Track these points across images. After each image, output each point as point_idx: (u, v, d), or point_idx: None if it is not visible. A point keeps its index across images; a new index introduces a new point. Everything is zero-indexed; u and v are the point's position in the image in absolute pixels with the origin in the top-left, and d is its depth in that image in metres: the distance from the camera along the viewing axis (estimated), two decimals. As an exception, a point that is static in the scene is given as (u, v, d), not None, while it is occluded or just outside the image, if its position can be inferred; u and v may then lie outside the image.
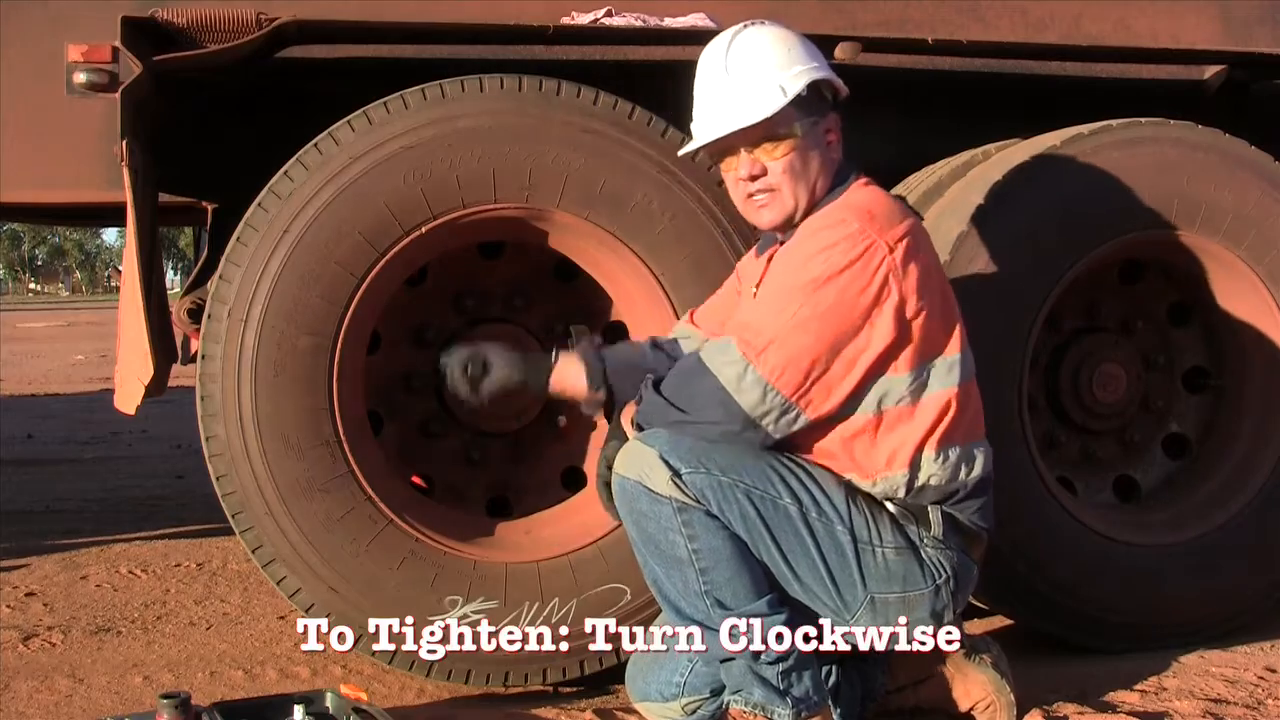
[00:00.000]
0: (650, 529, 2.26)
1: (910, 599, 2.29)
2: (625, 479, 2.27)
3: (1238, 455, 3.17)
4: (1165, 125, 3.03)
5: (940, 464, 2.27)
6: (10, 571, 3.99)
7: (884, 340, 2.19)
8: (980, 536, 2.37)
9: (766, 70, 2.29)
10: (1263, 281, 3.07)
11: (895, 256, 2.18)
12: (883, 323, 2.19)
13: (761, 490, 2.23)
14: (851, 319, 2.17)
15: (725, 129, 2.29)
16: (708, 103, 2.35)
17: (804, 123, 2.30)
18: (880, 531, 2.27)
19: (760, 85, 2.27)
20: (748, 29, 2.35)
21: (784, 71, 2.28)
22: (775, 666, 2.24)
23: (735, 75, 2.30)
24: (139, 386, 2.71)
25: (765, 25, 2.37)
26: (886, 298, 2.18)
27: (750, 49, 2.32)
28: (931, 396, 2.25)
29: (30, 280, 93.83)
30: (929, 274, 2.24)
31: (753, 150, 2.31)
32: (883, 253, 2.17)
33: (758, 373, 2.16)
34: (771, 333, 2.17)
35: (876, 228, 2.20)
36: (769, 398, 2.17)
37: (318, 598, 2.63)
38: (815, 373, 2.18)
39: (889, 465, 2.27)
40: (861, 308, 2.17)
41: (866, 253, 2.17)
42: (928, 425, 2.25)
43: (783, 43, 2.33)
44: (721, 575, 2.23)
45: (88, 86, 2.74)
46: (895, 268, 2.18)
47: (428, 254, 2.76)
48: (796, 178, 2.31)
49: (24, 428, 7.78)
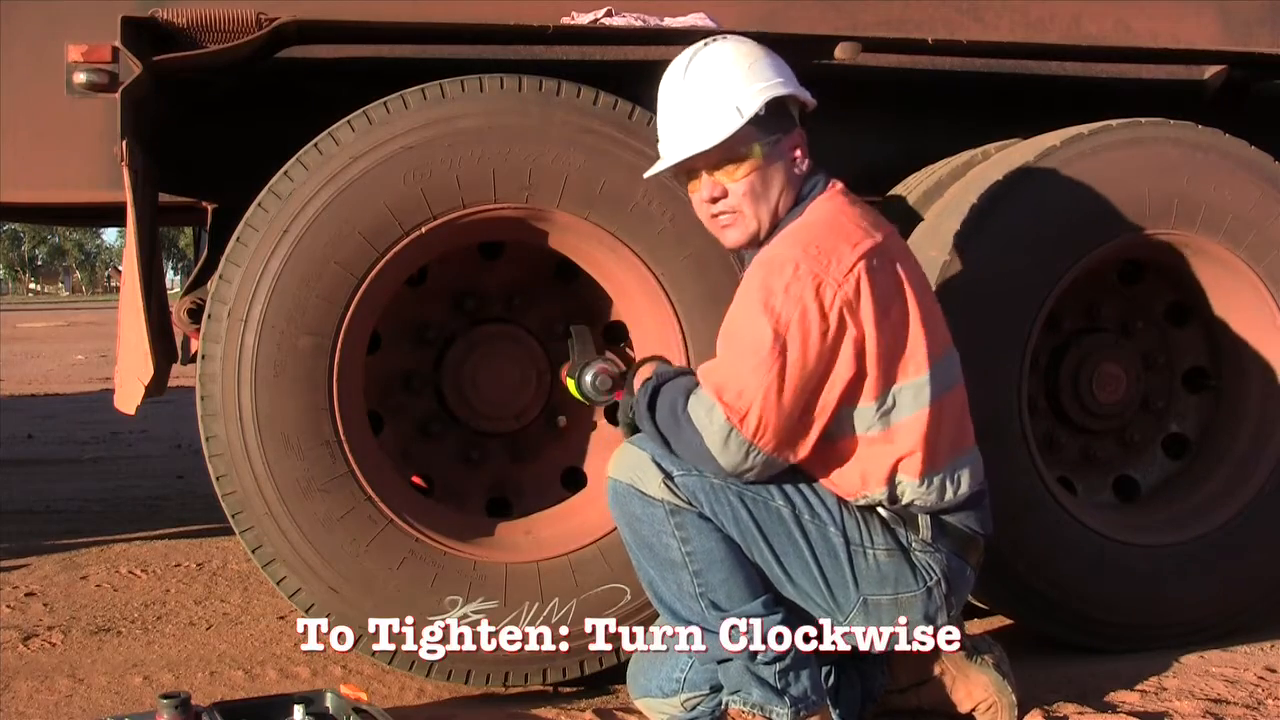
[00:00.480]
0: (644, 532, 2.27)
1: (903, 600, 2.29)
2: (618, 482, 2.28)
3: (1238, 455, 3.17)
4: (1165, 125, 3.03)
5: (924, 489, 2.27)
6: (10, 571, 3.99)
7: (847, 374, 2.19)
8: (975, 541, 2.37)
9: (724, 90, 2.25)
10: (1262, 281, 3.08)
11: (846, 290, 2.16)
12: (843, 359, 2.18)
13: (754, 492, 2.24)
14: (819, 366, 2.17)
15: (683, 153, 2.27)
16: (668, 124, 2.33)
17: (764, 142, 2.26)
18: (871, 534, 2.27)
19: (717, 106, 2.24)
20: (709, 46, 2.31)
21: (742, 90, 2.25)
22: (772, 666, 2.25)
23: (692, 95, 2.28)
24: (139, 386, 2.71)
25: (727, 41, 2.33)
26: (844, 334, 2.17)
27: (709, 67, 2.28)
28: (902, 422, 2.24)
29: (30, 280, 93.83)
30: (887, 298, 2.20)
31: (713, 172, 2.29)
32: (832, 290, 2.15)
33: (741, 436, 2.17)
34: (751, 394, 2.16)
35: (824, 264, 2.16)
36: (752, 456, 2.19)
37: (318, 598, 2.63)
38: (793, 425, 2.19)
39: (864, 485, 2.27)
40: (825, 352, 2.17)
41: (819, 294, 2.15)
42: (901, 452, 2.24)
43: (744, 59, 2.29)
44: (715, 577, 2.23)
45: (88, 86, 2.74)
46: (848, 301, 2.16)
47: (428, 254, 2.76)
48: (757, 199, 2.28)
49: (24, 428, 7.78)
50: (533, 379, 2.96)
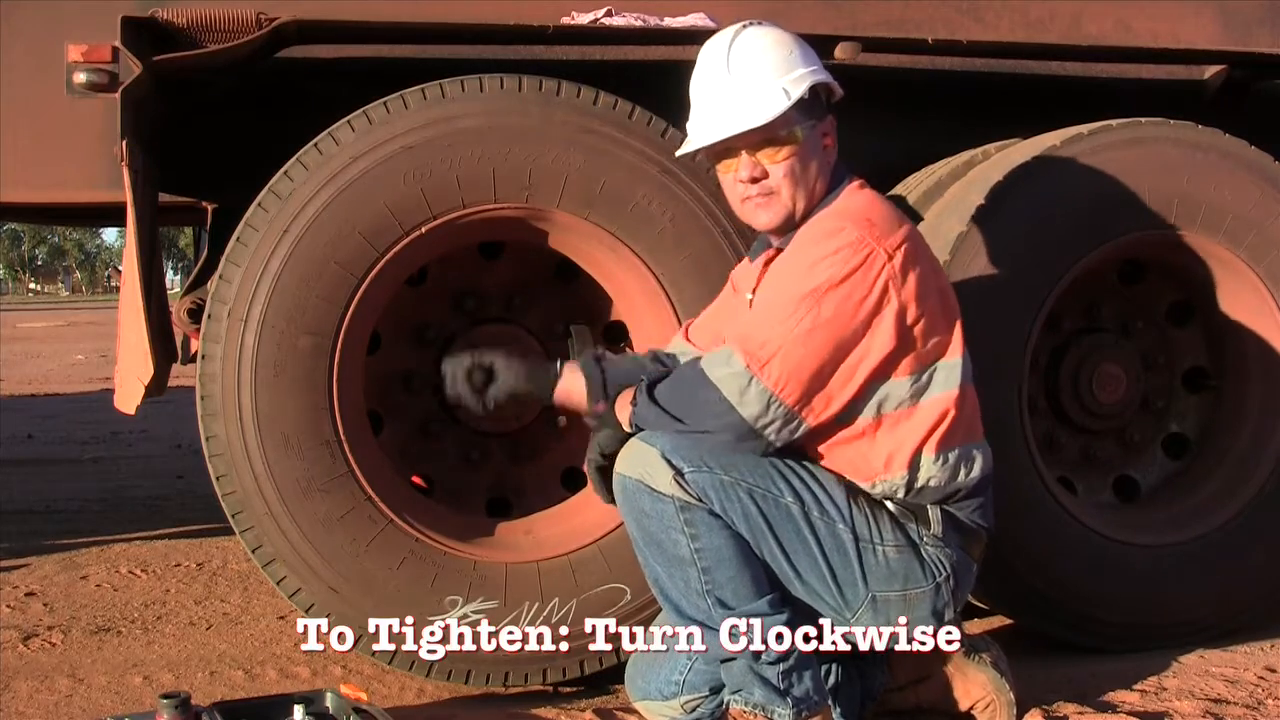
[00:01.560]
0: (652, 528, 2.26)
1: (911, 597, 2.29)
2: (627, 478, 2.27)
3: (1237, 455, 3.17)
4: (1165, 125, 3.03)
5: (940, 466, 2.28)
6: (10, 571, 3.99)
7: (885, 348, 2.20)
8: (980, 535, 2.37)
9: (769, 73, 2.28)
10: (1263, 281, 3.08)
11: (894, 264, 2.18)
12: (883, 330, 2.19)
13: (763, 489, 2.23)
14: (853, 328, 2.18)
15: (728, 131, 2.28)
16: (708, 103, 2.34)
17: (804, 126, 2.29)
18: (881, 530, 2.27)
19: (763, 88, 2.27)
20: (748, 29, 2.34)
21: (787, 74, 2.28)
22: (776, 666, 2.24)
23: (737, 76, 2.30)
24: (139, 386, 2.71)
25: (764, 26, 2.36)
26: (886, 305, 2.18)
27: (752, 50, 2.31)
28: (931, 399, 2.26)
29: (30, 280, 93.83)
30: (927, 279, 2.24)
31: (754, 153, 2.30)
32: (882, 260, 2.18)
33: (762, 384, 2.16)
34: (776, 344, 2.17)
35: (875, 235, 2.19)
36: (773, 408, 2.18)
37: (318, 598, 2.63)
38: (818, 382, 2.19)
39: (887, 468, 2.27)
40: (862, 316, 2.17)
41: (866, 261, 2.17)
42: (927, 427, 2.26)
43: (784, 45, 2.32)
44: (723, 574, 2.23)
45: (88, 86, 2.74)
46: (895, 275, 2.18)
47: (428, 254, 2.76)
48: (796, 181, 2.30)
49: (24, 428, 7.78)
50: (533, 379, 2.96)
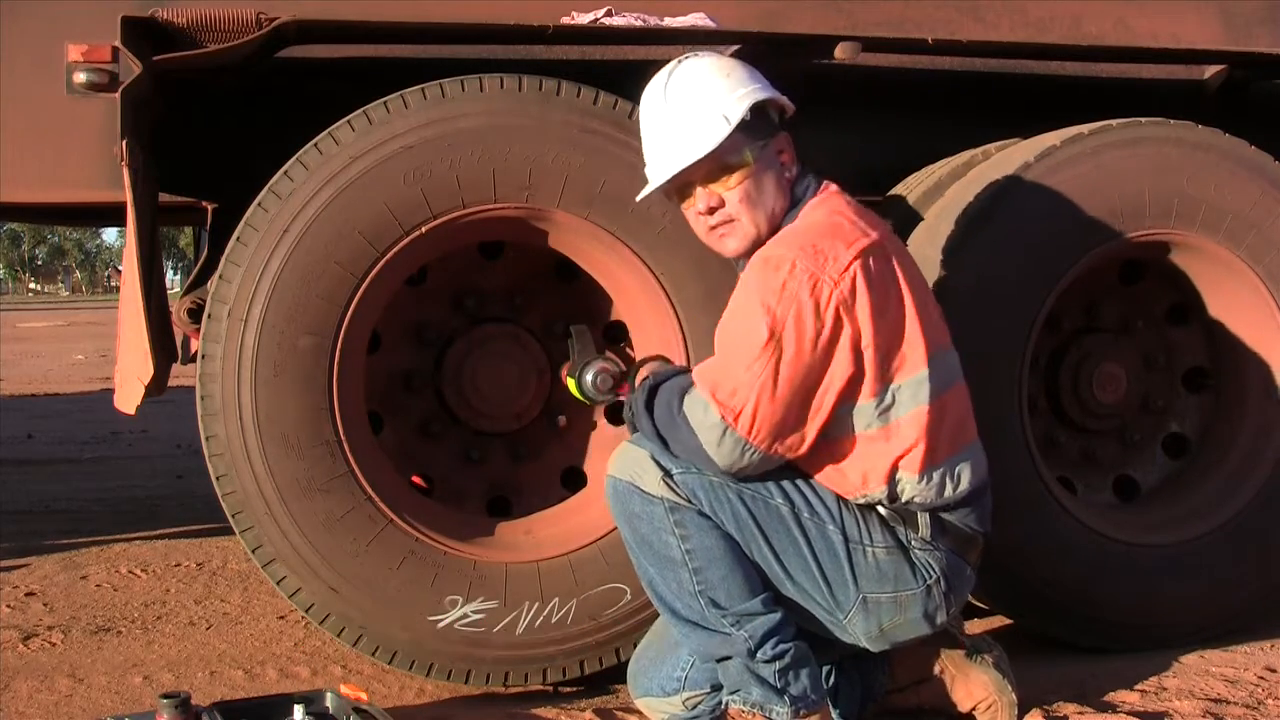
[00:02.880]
0: (643, 530, 2.27)
1: (902, 599, 2.29)
2: (618, 480, 2.29)
3: (1237, 455, 3.17)
4: (1165, 125, 3.03)
5: (923, 485, 2.27)
6: (10, 571, 3.99)
7: (845, 374, 2.20)
8: (975, 539, 2.37)
9: (706, 101, 2.27)
10: (1262, 281, 3.08)
11: (842, 289, 2.17)
12: (840, 357, 2.19)
13: (753, 490, 2.24)
14: (814, 363, 2.18)
15: (675, 167, 2.28)
16: (654, 142, 2.35)
17: (753, 148, 2.28)
18: (870, 531, 2.27)
19: (703, 116, 2.26)
20: (683, 62, 2.34)
21: (725, 98, 2.27)
22: (772, 665, 2.25)
23: (675, 109, 2.29)
24: (139, 386, 2.71)
25: (700, 56, 2.35)
26: (841, 332, 2.17)
27: (688, 81, 2.30)
28: (902, 419, 2.24)
29: (30, 280, 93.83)
30: (884, 297, 2.21)
31: (707, 184, 2.30)
32: (828, 288, 2.16)
33: (735, 434, 2.18)
34: (744, 394, 2.17)
35: (820, 264, 2.17)
36: (747, 455, 2.20)
37: (318, 598, 2.64)
38: (788, 423, 2.20)
39: (865, 485, 2.27)
40: (820, 350, 2.17)
41: (814, 292, 2.16)
42: (901, 448, 2.25)
43: (719, 70, 2.31)
44: (715, 575, 2.24)
45: (88, 86, 2.74)
46: (844, 300, 2.17)
47: (428, 254, 2.76)
48: (754, 205, 2.30)
49: (24, 428, 7.78)
50: (533, 379, 2.96)
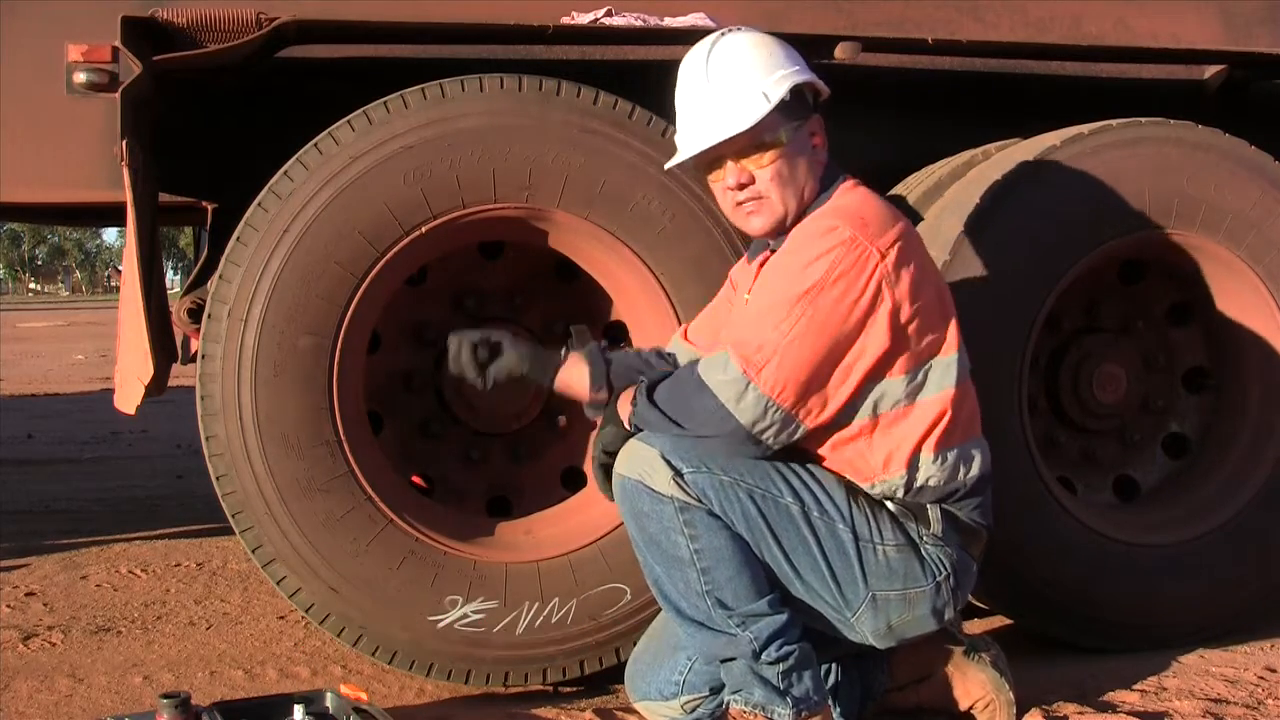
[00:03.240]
0: (652, 529, 2.26)
1: (911, 596, 2.29)
2: (626, 479, 2.27)
3: (1237, 455, 3.17)
4: (1165, 125, 3.03)
5: (939, 466, 2.27)
6: (10, 571, 3.99)
7: (879, 347, 2.19)
8: (980, 534, 2.37)
9: (748, 77, 2.27)
10: (1263, 281, 3.07)
11: (888, 263, 2.17)
12: (877, 330, 2.18)
13: (763, 489, 2.23)
14: (847, 328, 2.17)
15: (710, 140, 2.27)
16: (691, 114, 2.33)
17: (788, 128, 2.28)
18: (881, 529, 2.27)
19: (743, 93, 2.25)
20: (726, 36, 2.33)
21: (766, 77, 2.26)
22: (776, 667, 2.24)
23: (716, 84, 2.28)
24: (139, 386, 2.71)
25: (743, 31, 2.34)
26: (880, 305, 2.17)
27: (730, 56, 2.30)
28: (928, 399, 2.25)
29: (30, 280, 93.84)
30: (922, 277, 2.23)
31: (739, 160, 2.29)
32: (875, 260, 2.17)
33: (759, 389, 2.16)
34: (771, 348, 2.16)
35: (868, 234, 2.18)
36: (770, 413, 2.17)
37: (318, 598, 2.64)
38: (814, 384, 2.18)
39: (886, 468, 2.27)
40: (856, 317, 2.17)
41: (859, 261, 2.16)
42: (925, 427, 2.25)
43: (763, 48, 2.31)
44: (723, 575, 2.23)
45: (88, 86, 2.74)
46: (888, 274, 2.17)
47: (428, 254, 2.76)
48: (785, 184, 2.29)
49: (24, 428, 7.78)
50: (533, 379, 2.96)
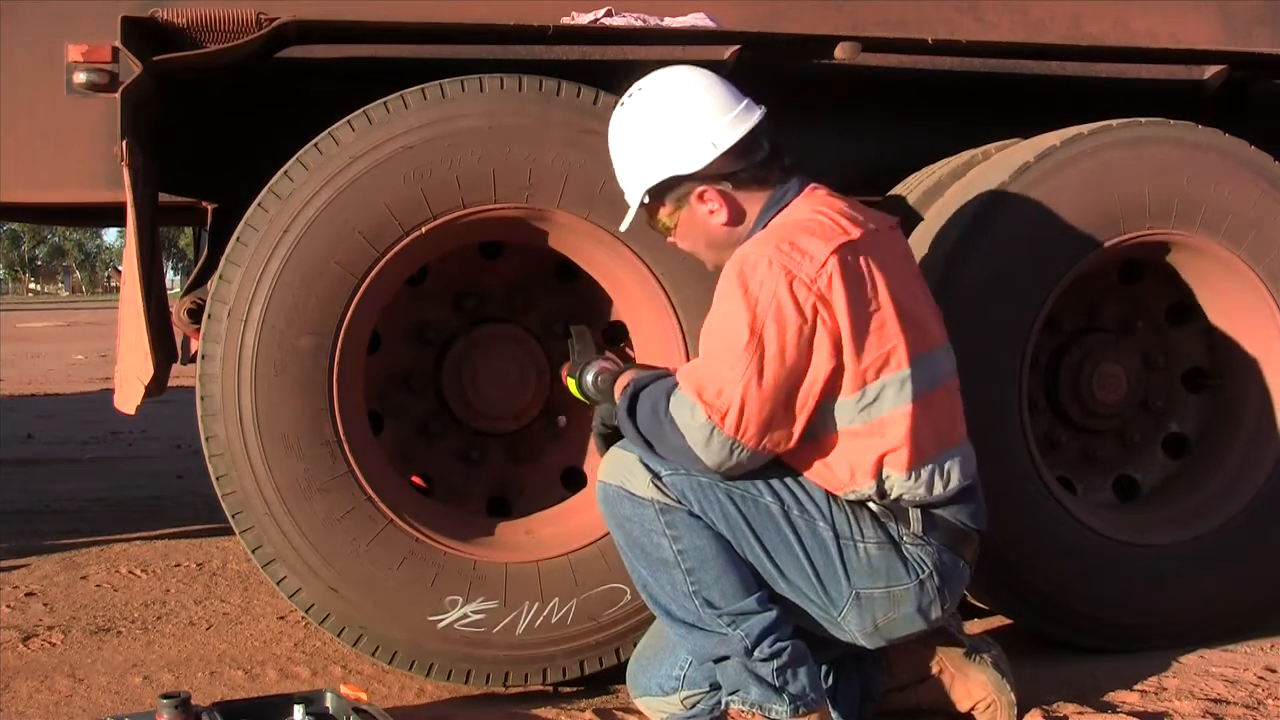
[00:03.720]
0: (635, 533, 2.27)
1: (895, 594, 2.29)
2: (608, 485, 2.29)
3: (1237, 455, 3.17)
4: (1165, 125, 3.03)
5: (912, 482, 2.26)
6: (10, 571, 3.99)
7: (825, 369, 2.19)
8: (969, 535, 2.37)
9: (625, 171, 2.41)
10: (1263, 281, 3.07)
11: (819, 285, 2.16)
12: (820, 352, 2.19)
13: (742, 489, 2.24)
14: (796, 359, 2.18)
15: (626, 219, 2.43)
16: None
17: (669, 213, 2.38)
18: (861, 527, 2.27)
19: (625, 183, 2.41)
20: (618, 109, 2.40)
21: (633, 177, 2.38)
22: (770, 664, 2.25)
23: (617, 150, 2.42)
24: (139, 386, 2.71)
25: (630, 107, 2.37)
26: (819, 328, 2.17)
27: (614, 140, 2.41)
28: (886, 416, 2.23)
29: (30, 280, 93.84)
30: (861, 294, 2.20)
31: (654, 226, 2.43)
32: (805, 285, 2.16)
33: (723, 434, 2.18)
34: (730, 392, 2.16)
35: (795, 261, 2.17)
36: (735, 453, 2.20)
37: (318, 598, 2.64)
38: (775, 419, 2.20)
39: (853, 479, 2.27)
40: (801, 346, 2.17)
41: (792, 290, 2.16)
42: (886, 446, 2.24)
43: (645, 135, 2.35)
44: (708, 575, 2.24)
45: (88, 86, 2.74)
46: (821, 296, 2.17)
47: (428, 254, 2.76)
48: (696, 246, 2.43)
49: (24, 428, 7.78)
50: (533, 379, 2.97)
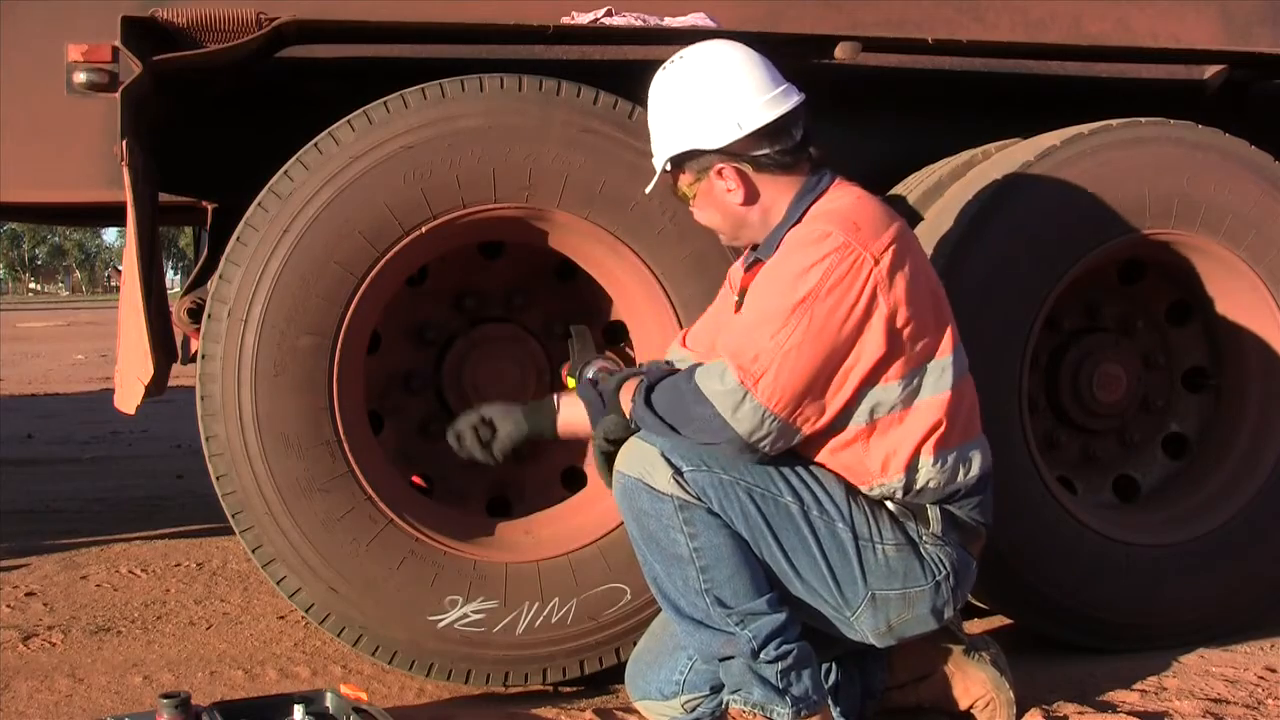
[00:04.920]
0: (651, 526, 2.26)
1: (911, 595, 2.29)
2: (627, 476, 2.27)
3: (1237, 455, 3.17)
4: (1165, 125, 3.03)
5: (938, 468, 2.27)
6: (10, 571, 3.99)
7: (875, 353, 2.19)
8: (979, 532, 2.38)
9: (655, 136, 2.40)
10: (1263, 281, 3.08)
11: (881, 268, 2.17)
12: (872, 336, 2.18)
13: (762, 488, 2.23)
14: (843, 336, 2.17)
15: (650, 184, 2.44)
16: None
17: (689, 182, 2.37)
18: (880, 528, 2.27)
19: (654, 145, 2.40)
20: (660, 74, 2.39)
21: (662, 141, 2.38)
22: (775, 665, 2.24)
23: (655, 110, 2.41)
24: (139, 386, 2.71)
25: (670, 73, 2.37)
26: (875, 311, 2.17)
27: (652, 103, 2.40)
28: (925, 401, 2.25)
29: (30, 280, 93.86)
30: (917, 279, 2.22)
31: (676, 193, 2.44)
32: (869, 265, 2.16)
33: (756, 400, 2.15)
34: (767, 358, 2.15)
35: (861, 239, 2.18)
36: (767, 423, 2.16)
37: (318, 598, 2.64)
38: (811, 393, 2.17)
39: (884, 471, 2.26)
40: (852, 324, 2.16)
41: (853, 267, 2.15)
42: (922, 432, 2.24)
43: (679, 102, 2.35)
44: (722, 573, 2.23)
45: (88, 86, 2.74)
46: (882, 279, 2.17)
47: (428, 254, 2.76)
48: (714, 220, 2.41)
49: (24, 428, 7.78)
50: (533, 379, 2.97)
